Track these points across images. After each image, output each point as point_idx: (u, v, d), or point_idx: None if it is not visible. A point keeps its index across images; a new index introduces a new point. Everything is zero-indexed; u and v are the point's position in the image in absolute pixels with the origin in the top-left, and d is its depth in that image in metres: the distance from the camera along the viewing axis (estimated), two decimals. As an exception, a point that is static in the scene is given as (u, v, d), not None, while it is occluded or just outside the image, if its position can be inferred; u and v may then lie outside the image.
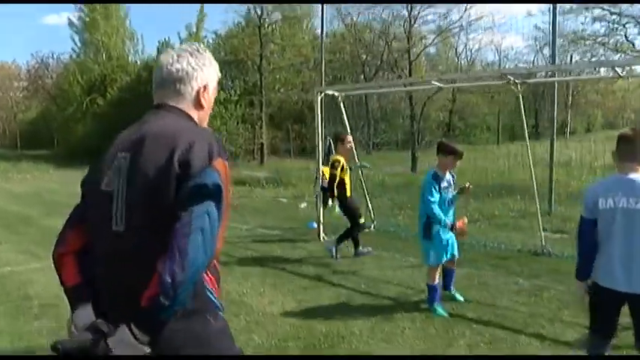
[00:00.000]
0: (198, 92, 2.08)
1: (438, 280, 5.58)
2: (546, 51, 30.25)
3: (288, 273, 7.02)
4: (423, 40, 20.10)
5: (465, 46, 33.51)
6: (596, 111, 39.92)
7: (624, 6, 13.41)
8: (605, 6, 13.53)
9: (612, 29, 13.78)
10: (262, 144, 24.49)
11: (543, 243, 7.86)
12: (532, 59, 35.00)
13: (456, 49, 22.92)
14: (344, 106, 9.25)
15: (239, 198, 13.84)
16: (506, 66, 30.26)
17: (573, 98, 34.89)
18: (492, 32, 42.75)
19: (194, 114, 2.09)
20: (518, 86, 7.40)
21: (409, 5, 18.40)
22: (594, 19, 13.74)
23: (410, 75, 18.74)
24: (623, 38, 14.00)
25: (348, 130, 9.28)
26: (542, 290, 6.12)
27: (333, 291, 6.25)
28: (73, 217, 2.09)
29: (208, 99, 2.13)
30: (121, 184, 1.89)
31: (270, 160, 24.71)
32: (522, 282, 6.45)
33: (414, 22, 19.06)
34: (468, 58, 25.77)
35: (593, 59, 14.47)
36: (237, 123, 24.61)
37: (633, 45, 13.97)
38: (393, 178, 17.35)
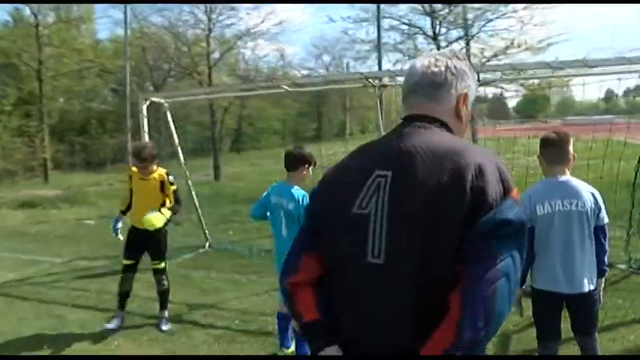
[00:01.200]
0: (458, 101, 1.72)
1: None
2: (325, 58, 31.33)
3: (141, 317, 5.63)
4: (225, 45, 19.16)
5: (252, 51, 33.59)
6: (370, 114, 42.50)
7: (414, 18, 14.03)
8: (398, 16, 13.99)
9: (406, 38, 14.27)
10: (45, 159, 21.47)
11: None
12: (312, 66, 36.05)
13: (243, 55, 22.47)
14: (170, 115, 8.04)
15: (36, 224, 11.67)
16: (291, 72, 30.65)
17: (351, 102, 36.71)
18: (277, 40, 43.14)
19: (454, 127, 1.71)
20: (376, 89, 7.07)
21: (208, 7, 17.38)
22: (391, 28, 14.14)
23: (210, 82, 17.73)
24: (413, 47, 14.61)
25: (176, 141, 8.15)
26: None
27: (206, 334, 5.15)
28: (305, 241, 1.76)
29: (466, 112, 1.75)
30: (379, 208, 1.55)
31: (54, 175, 21.77)
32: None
33: (214, 26, 18.07)
34: (257, 64, 25.56)
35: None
36: (13, 136, 21.28)
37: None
38: (200, 187, 16.27)
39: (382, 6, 12.97)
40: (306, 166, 4.28)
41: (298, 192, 4.21)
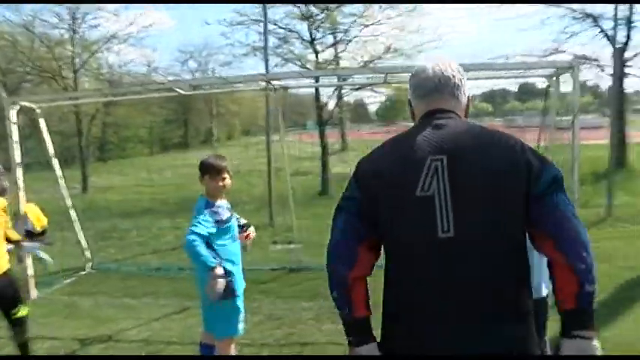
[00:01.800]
0: (468, 101, 2.04)
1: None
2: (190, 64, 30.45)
3: None
4: (88, 48, 17.59)
5: (117, 55, 31.86)
6: (235, 120, 41.88)
7: (292, 23, 13.78)
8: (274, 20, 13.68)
9: (283, 42, 13.97)
10: None
11: (300, 258, 7.26)
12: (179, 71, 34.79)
13: (107, 60, 20.95)
14: (44, 122, 7.06)
15: None
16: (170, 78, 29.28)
17: (217, 109, 35.86)
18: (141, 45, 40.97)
19: None
20: (273, 92, 6.66)
21: (74, 7, 15.87)
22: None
23: (76, 87, 16.27)
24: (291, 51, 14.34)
25: (52, 152, 7.20)
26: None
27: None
28: (358, 230, 1.84)
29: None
30: (441, 189, 1.74)
31: None
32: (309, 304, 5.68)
33: (79, 27, 16.56)
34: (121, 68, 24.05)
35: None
36: None
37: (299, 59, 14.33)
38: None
39: (258, 10, 12.62)
40: (205, 176, 3.75)
41: (199, 201, 3.73)
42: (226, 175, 3.82)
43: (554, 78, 6.01)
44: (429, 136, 1.83)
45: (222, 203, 3.82)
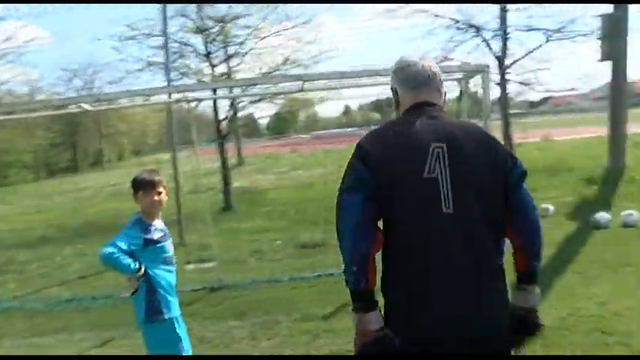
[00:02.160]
0: (445, 96, 2.32)
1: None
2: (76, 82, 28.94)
3: None
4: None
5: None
6: (125, 139, 40.37)
7: (186, 37, 13.44)
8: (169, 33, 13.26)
9: (178, 57, 13.57)
10: None
11: (220, 277, 7.03)
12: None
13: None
14: None
15: None
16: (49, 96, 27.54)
17: (107, 129, 34.40)
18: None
19: None
20: (186, 104, 6.42)
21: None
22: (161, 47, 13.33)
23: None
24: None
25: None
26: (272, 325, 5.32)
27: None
28: (373, 209, 2.03)
29: None
30: (443, 172, 2.02)
31: None
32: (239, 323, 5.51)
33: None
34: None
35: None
36: None
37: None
38: None
39: (152, 23, 12.18)
40: (139, 192, 3.55)
41: (131, 218, 3.57)
42: (162, 190, 3.63)
43: (465, 81, 6.27)
44: (427, 125, 2.11)
45: (157, 224, 3.62)
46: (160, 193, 3.59)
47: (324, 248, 8.73)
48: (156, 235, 3.54)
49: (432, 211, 2.00)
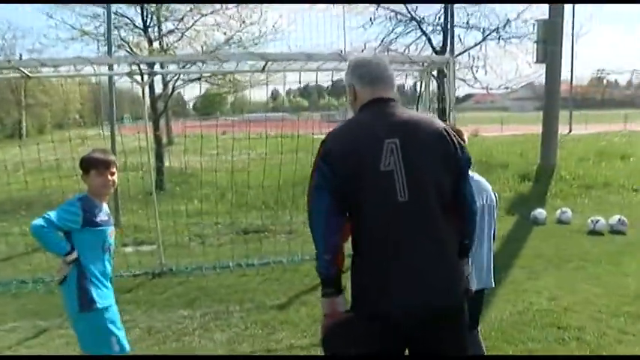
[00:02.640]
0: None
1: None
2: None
3: None
4: None
5: None
6: (46, 112, 37.92)
7: (122, 8, 12.64)
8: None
9: (113, 28, 12.76)
10: None
11: (162, 261, 6.60)
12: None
13: None
14: None
15: None
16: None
17: (26, 99, 32.18)
18: None
19: None
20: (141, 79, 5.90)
21: None
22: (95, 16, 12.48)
23: None
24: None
25: None
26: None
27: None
28: (339, 203, 2.21)
29: None
30: (398, 165, 2.18)
31: None
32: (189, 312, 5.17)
33: None
34: None
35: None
36: None
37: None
38: None
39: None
40: (91, 171, 3.23)
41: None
42: (115, 170, 3.32)
43: (427, 72, 6.14)
44: (383, 121, 2.27)
45: (104, 207, 3.31)
46: (113, 174, 3.29)
47: (267, 234, 8.46)
48: (99, 218, 3.22)
49: (390, 201, 2.17)
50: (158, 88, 13.71)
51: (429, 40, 15.91)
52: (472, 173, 3.15)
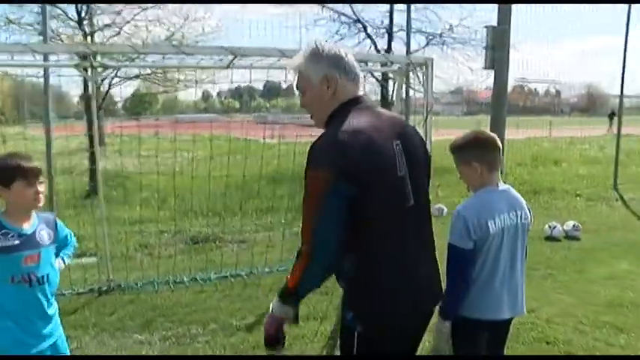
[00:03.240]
0: None
1: None
2: None
3: None
4: None
5: None
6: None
7: None
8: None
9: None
10: None
11: (110, 276, 5.90)
12: None
13: None
14: None
15: None
16: None
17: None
18: None
19: None
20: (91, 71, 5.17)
21: None
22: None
23: None
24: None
25: None
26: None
27: None
28: (346, 215, 1.97)
29: None
30: (404, 168, 2.10)
31: None
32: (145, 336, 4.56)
33: None
34: None
35: None
36: None
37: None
38: None
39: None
40: (13, 183, 2.58)
41: None
42: (43, 181, 2.70)
43: (402, 74, 5.79)
44: (384, 124, 2.12)
45: (25, 227, 2.66)
46: (42, 184, 2.68)
47: (218, 244, 7.87)
48: (10, 241, 2.56)
49: (403, 206, 2.11)
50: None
51: (374, 43, 15.75)
52: (506, 186, 2.82)
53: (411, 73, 6.19)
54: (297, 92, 2.27)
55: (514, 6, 11.80)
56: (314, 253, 1.99)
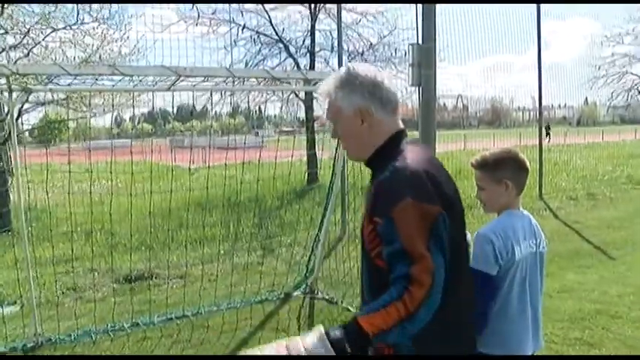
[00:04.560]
0: None
1: None
2: None
3: None
4: None
5: None
6: None
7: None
8: None
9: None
10: None
11: (37, 330, 5.13)
12: None
13: None
14: None
15: None
16: None
17: None
18: None
19: None
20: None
21: None
22: None
23: None
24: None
25: None
26: None
27: None
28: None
29: None
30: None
31: None
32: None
33: None
34: None
35: None
36: None
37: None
38: None
39: None
40: None
41: None
42: None
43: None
44: (436, 164, 1.97)
45: None
46: None
47: (156, 281, 7.18)
48: None
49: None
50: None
51: (297, 63, 15.50)
52: (524, 211, 2.53)
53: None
54: (327, 122, 2.03)
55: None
56: (434, 282, 1.65)
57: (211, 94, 12.79)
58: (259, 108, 20.76)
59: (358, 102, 1.90)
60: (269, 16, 14.84)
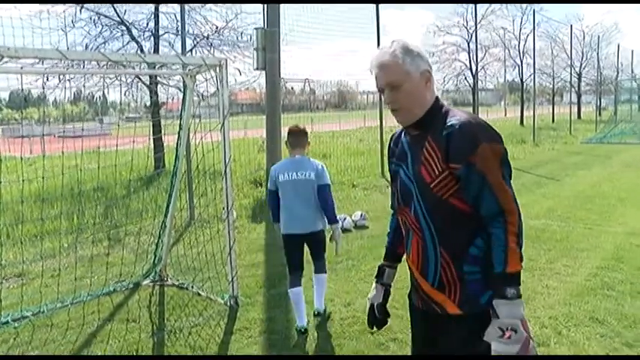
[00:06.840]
0: None
1: None
2: None
3: None
4: None
5: None
6: None
7: None
8: None
9: None
10: None
11: None
12: None
13: None
14: None
15: None
16: None
17: None
18: None
19: None
20: None
21: None
22: None
23: None
24: None
25: None
26: None
27: None
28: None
29: None
30: None
31: None
32: None
33: None
34: None
35: None
36: None
37: None
38: None
39: None
40: None
41: None
42: None
43: (190, 76, 5.26)
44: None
45: None
46: None
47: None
48: None
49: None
50: None
51: (140, 46, 14.74)
52: (301, 156, 4.80)
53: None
54: (380, 90, 2.20)
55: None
56: (518, 206, 2.04)
57: (47, 78, 11.77)
58: (103, 94, 19.48)
59: (425, 66, 2.15)
60: (111, -4, 13.85)
